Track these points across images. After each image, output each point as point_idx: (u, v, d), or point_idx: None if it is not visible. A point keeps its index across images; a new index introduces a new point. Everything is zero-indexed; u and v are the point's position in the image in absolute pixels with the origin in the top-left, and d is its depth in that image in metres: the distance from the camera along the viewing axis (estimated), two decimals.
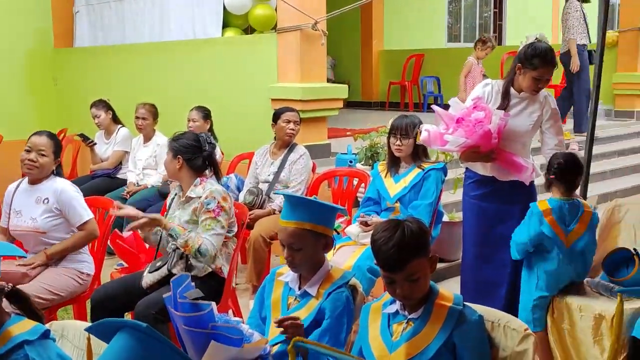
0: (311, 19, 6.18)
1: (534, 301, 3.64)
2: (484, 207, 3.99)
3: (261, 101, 6.62)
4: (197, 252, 3.56)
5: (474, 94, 3.90)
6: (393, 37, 13.08)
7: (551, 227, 3.60)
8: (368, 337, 2.42)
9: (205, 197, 3.68)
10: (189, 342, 2.17)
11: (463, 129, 3.65)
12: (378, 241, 2.29)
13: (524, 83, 3.77)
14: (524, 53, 3.72)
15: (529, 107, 3.86)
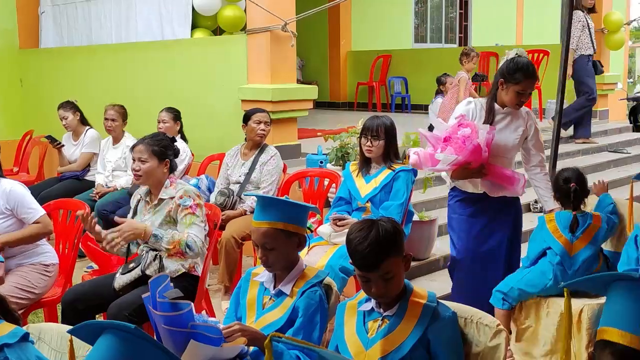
0: (281, 20, 6.21)
1: (518, 289, 3.75)
2: (474, 224, 4.00)
3: (231, 102, 6.63)
4: (186, 247, 3.57)
5: (457, 112, 3.92)
6: (361, 38, 13.16)
7: (551, 233, 3.78)
8: (344, 335, 2.46)
9: (179, 196, 3.70)
10: (168, 341, 2.19)
11: (452, 146, 3.68)
12: (353, 241, 2.33)
13: (506, 98, 3.81)
14: (506, 68, 3.76)
15: (513, 122, 3.91)
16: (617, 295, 1.31)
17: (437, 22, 15.66)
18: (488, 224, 3.97)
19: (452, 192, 4.09)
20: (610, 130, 10.01)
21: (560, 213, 3.89)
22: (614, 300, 1.32)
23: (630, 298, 1.29)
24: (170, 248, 3.58)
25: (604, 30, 10.11)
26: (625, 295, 1.30)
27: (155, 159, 3.74)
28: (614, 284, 1.32)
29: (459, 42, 15.90)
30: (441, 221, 5.47)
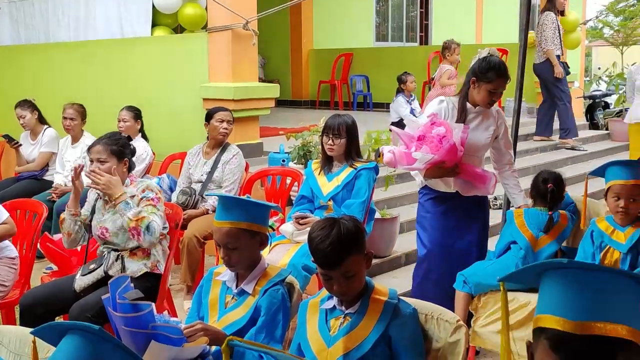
0: (242, 18, 6.19)
1: (478, 278, 3.81)
2: (444, 224, 4.02)
3: (192, 101, 6.59)
4: (146, 228, 3.52)
5: (428, 111, 3.93)
6: (322, 37, 13.20)
7: (518, 228, 3.84)
8: (306, 333, 2.47)
9: (141, 190, 3.68)
10: (129, 342, 2.18)
11: (428, 145, 3.68)
12: (315, 239, 2.35)
13: (478, 96, 3.82)
14: (478, 67, 3.78)
15: (484, 121, 3.94)
16: (549, 283, 1.36)
17: (398, 21, 15.77)
18: (460, 223, 4.01)
19: (424, 190, 4.10)
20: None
21: (530, 210, 3.94)
22: (546, 289, 1.37)
23: (562, 284, 1.33)
24: (132, 220, 3.52)
25: (560, 30, 10.27)
26: (557, 283, 1.34)
27: (114, 158, 3.69)
28: (545, 274, 1.37)
29: (420, 40, 16.03)
30: (403, 218, 5.52)
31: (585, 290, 1.31)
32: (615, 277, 1.33)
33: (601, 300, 1.30)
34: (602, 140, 10.16)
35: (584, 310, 1.29)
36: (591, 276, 1.32)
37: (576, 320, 1.29)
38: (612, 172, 3.48)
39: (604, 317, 1.28)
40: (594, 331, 1.28)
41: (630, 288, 1.32)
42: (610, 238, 3.46)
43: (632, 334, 1.28)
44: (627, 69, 8.36)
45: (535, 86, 10.66)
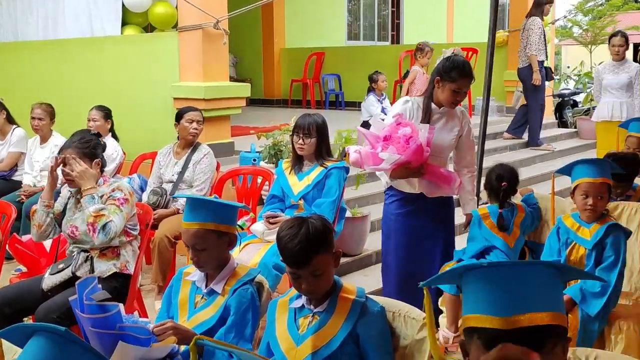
0: (212, 18, 6.18)
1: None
2: (410, 225, 4.02)
3: (163, 100, 6.57)
4: (102, 226, 3.50)
5: (394, 111, 3.93)
6: (294, 36, 13.21)
7: (490, 230, 3.87)
8: (275, 331, 2.49)
9: (112, 190, 3.66)
10: (96, 344, 2.18)
11: (394, 145, 3.68)
12: (283, 238, 2.36)
13: (442, 96, 3.82)
14: (442, 66, 3.78)
15: (449, 121, 3.94)
16: (472, 284, 1.41)
17: (370, 20, 15.83)
18: (425, 224, 4.01)
19: (389, 191, 4.10)
20: None
21: (490, 208, 4.00)
22: (470, 290, 1.42)
23: (484, 283, 1.38)
24: (92, 215, 3.50)
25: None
26: (480, 282, 1.39)
27: (86, 160, 3.66)
28: (466, 275, 1.42)
29: (392, 39, 16.11)
30: (374, 217, 5.56)
31: (506, 286, 1.36)
32: (533, 268, 1.40)
33: (522, 293, 1.36)
34: (571, 139, 10.31)
35: (508, 306, 1.34)
36: (510, 272, 1.38)
37: (502, 316, 1.34)
38: (580, 170, 3.53)
39: (527, 309, 1.34)
40: (521, 324, 1.33)
41: (548, 276, 1.39)
42: (576, 234, 3.51)
43: (555, 318, 1.35)
44: (595, 67, 8.48)
45: (504, 85, 10.80)
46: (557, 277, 1.41)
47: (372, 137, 3.81)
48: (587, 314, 3.33)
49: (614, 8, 29.48)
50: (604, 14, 26.03)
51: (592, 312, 3.31)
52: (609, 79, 7.13)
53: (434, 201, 3.99)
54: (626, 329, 3.40)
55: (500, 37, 10.90)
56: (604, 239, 3.40)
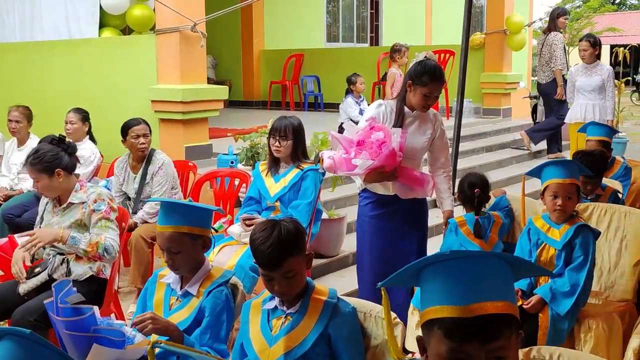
0: (190, 20, 6.20)
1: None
2: (385, 227, 4.04)
3: (141, 103, 6.57)
4: (104, 250, 3.57)
5: (367, 114, 3.95)
6: (273, 37, 13.23)
7: (467, 237, 3.94)
8: (249, 332, 2.52)
9: (93, 201, 3.68)
10: (70, 346, 2.20)
11: (367, 151, 3.70)
12: (256, 241, 2.40)
13: (414, 100, 3.85)
14: (413, 71, 3.80)
15: (422, 124, 3.98)
16: (431, 278, 1.46)
17: (349, 22, 15.88)
18: (400, 226, 4.04)
19: (363, 193, 4.12)
20: (513, 128, 10.44)
21: (467, 216, 4.06)
22: (429, 284, 1.47)
23: (443, 275, 1.44)
24: (88, 250, 3.57)
25: (506, 32, 10.53)
26: (439, 275, 1.44)
27: (44, 175, 3.65)
28: (424, 270, 1.48)
29: (370, 41, 16.18)
30: (350, 219, 5.60)
31: (463, 277, 1.42)
32: (488, 259, 1.47)
33: (478, 283, 1.42)
34: None
35: (466, 295, 1.40)
36: (467, 262, 1.44)
37: (462, 305, 1.40)
38: (549, 171, 3.59)
39: (483, 298, 1.40)
40: (479, 312, 1.39)
41: (501, 267, 1.45)
42: (546, 235, 3.58)
43: (508, 307, 1.41)
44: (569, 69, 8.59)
45: (481, 87, 10.91)
46: (509, 270, 1.47)
47: (345, 142, 3.82)
48: (557, 313, 3.39)
49: (591, 10, 29.88)
50: (582, 15, 26.35)
51: (562, 311, 3.37)
52: (581, 81, 7.24)
53: (408, 203, 4.02)
54: (595, 327, 3.46)
55: (478, 39, 11.01)
56: (573, 240, 3.47)
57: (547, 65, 8.76)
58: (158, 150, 5.25)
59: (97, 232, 3.64)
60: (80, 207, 3.70)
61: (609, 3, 43.74)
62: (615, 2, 47.32)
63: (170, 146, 6.30)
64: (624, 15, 40.64)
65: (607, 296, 3.85)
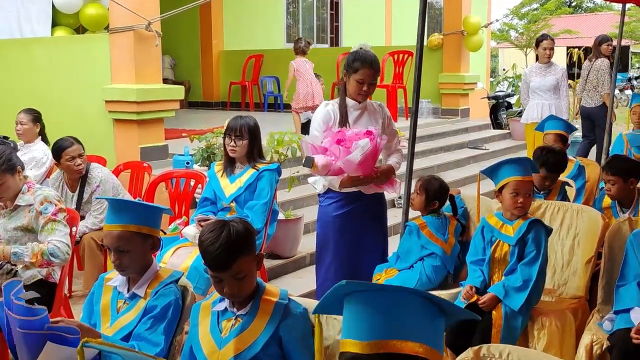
0: (144, 19, 6.11)
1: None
2: (350, 225, 4.01)
3: (95, 103, 6.46)
4: (50, 256, 3.49)
5: (317, 121, 3.93)
6: (233, 38, 13.14)
7: (428, 238, 3.96)
8: (198, 335, 2.47)
9: (40, 203, 3.60)
10: (22, 346, 2.14)
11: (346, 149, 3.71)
12: (205, 242, 2.35)
13: (350, 89, 3.90)
14: (346, 60, 3.90)
15: (371, 116, 4.00)
16: (348, 308, 1.44)
17: (309, 23, 15.87)
18: (365, 223, 4.04)
19: (326, 194, 4.06)
20: (471, 128, 10.54)
21: (426, 218, 4.06)
22: (346, 314, 1.44)
23: (357, 308, 1.41)
24: (34, 261, 3.50)
25: (463, 33, 10.62)
26: (355, 306, 1.42)
27: (7, 175, 3.59)
28: (346, 300, 1.45)
29: (330, 42, 16.18)
30: (307, 219, 5.58)
31: (378, 311, 1.38)
32: (407, 296, 1.41)
33: (397, 319, 1.37)
34: (504, 140, 10.56)
35: (378, 330, 1.36)
36: (384, 297, 1.40)
37: (367, 341, 1.36)
38: (508, 169, 3.61)
39: (400, 336, 1.36)
40: (388, 349, 1.35)
41: (424, 308, 1.41)
42: (500, 232, 3.59)
43: (429, 353, 1.37)
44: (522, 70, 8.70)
45: (439, 87, 10.99)
46: (435, 312, 1.41)
47: (320, 148, 3.79)
48: (511, 310, 3.40)
49: (547, 12, 30.38)
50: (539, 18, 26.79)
51: (515, 306, 3.39)
52: (536, 82, 7.32)
53: (370, 198, 4.04)
54: (548, 325, 3.49)
55: (436, 40, 11.09)
56: (526, 235, 3.49)
57: (595, 90, 8.76)
58: (94, 166, 5.04)
59: (44, 237, 3.55)
60: (27, 209, 3.61)
61: (566, 6, 44.53)
62: (572, 5, 48.20)
63: (124, 147, 6.21)
64: (579, 17, 41.43)
65: (560, 294, 3.88)
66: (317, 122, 3.95)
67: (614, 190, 4.23)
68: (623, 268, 3.36)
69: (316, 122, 3.96)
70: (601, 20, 37.03)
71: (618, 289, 3.33)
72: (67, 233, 3.64)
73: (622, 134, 6.23)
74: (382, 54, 10.97)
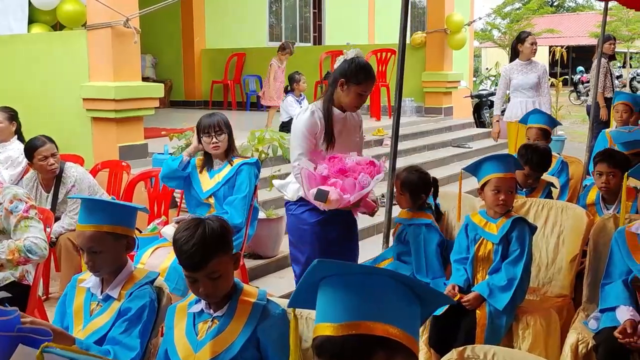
0: (122, 15, 6.00)
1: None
2: (329, 231, 3.81)
3: (72, 101, 6.35)
4: (27, 253, 3.39)
5: (302, 131, 3.63)
6: (215, 36, 13.05)
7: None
8: (173, 338, 2.39)
9: (9, 201, 3.50)
10: None
11: (360, 172, 3.50)
12: (179, 241, 2.27)
13: (347, 99, 3.64)
14: (347, 68, 3.60)
15: (351, 122, 3.82)
16: (321, 294, 1.42)
17: (292, 21, 15.80)
18: (341, 227, 3.87)
19: (298, 202, 3.80)
20: (454, 126, 10.52)
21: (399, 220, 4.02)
22: (320, 300, 1.42)
23: (330, 292, 1.38)
24: (10, 259, 3.38)
25: (446, 31, 10.59)
26: (327, 291, 1.39)
27: None
28: (319, 286, 1.42)
29: (314, 41, 16.12)
30: None
31: (352, 292, 1.34)
32: (383, 278, 1.39)
33: (371, 301, 1.34)
34: (487, 138, 10.52)
35: (351, 312, 1.33)
36: (359, 279, 1.36)
37: (340, 322, 1.33)
38: (490, 166, 3.56)
39: (374, 317, 1.33)
40: (360, 330, 1.32)
41: (399, 291, 1.38)
42: (484, 230, 3.54)
43: (404, 337, 1.35)
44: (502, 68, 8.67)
45: (423, 86, 10.97)
46: (410, 295, 1.39)
47: (319, 178, 3.54)
48: (495, 309, 3.35)
49: (530, 12, 30.54)
50: (521, 17, 26.92)
51: (500, 305, 3.34)
52: (518, 79, 7.29)
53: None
54: (533, 324, 3.44)
55: (419, 38, 11.06)
56: (510, 233, 3.45)
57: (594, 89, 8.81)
58: (68, 165, 4.89)
59: (18, 235, 3.45)
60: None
61: (548, 5, 44.80)
62: (554, 4, 48.51)
63: (103, 145, 6.11)
64: (561, 17, 41.74)
65: (545, 292, 3.84)
66: (303, 132, 3.65)
67: (614, 182, 4.11)
68: (608, 266, 3.31)
69: (301, 133, 3.66)
70: (583, 19, 37.33)
71: (603, 287, 3.29)
72: (42, 229, 3.54)
73: (605, 132, 6.21)
74: (365, 52, 10.88)
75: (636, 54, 37.74)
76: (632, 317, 3.05)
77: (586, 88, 22.27)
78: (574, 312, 3.67)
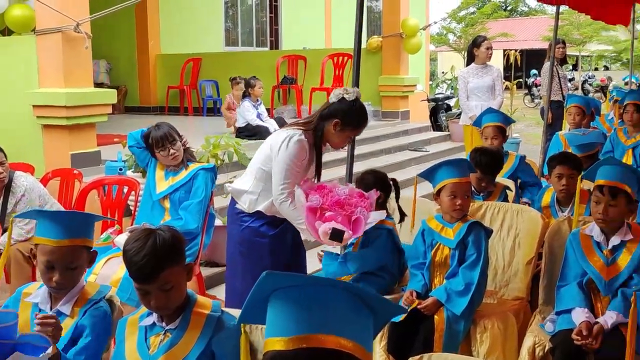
0: (72, 20, 5.88)
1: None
2: (284, 242, 3.72)
3: (21, 108, 6.20)
4: None
5: (293, 158, 3.48)
6: (170, 41, 12.87)
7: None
8: (124, 352, 2.32)
9: None
10: None
11: (358, 206, 3.41)
12: (129, 252, 2.20)
13: (336, 139, 3.56)
14: (347, 111, 3.50)
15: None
16: (271, 308, 1.39)
17: (249, 26, 15.73)
18: (296, 238, 3.80)
19: (254, 215, 3.67)
20: (411, 130, 10.57)
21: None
22: (270, 314, 1.39)
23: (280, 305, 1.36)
24: None
25: (402, 35, 10.65)
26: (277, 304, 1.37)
27: None
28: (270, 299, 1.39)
29: (270, 45, 16.07)
30: None
31: (302, 305, 1.32)
32: (332, 289, 1.36)
33: (321, 313, 1.32)
34: (444, 141, 10.62)
35: (302, 325, 1.30)
36: (308, 291, 1.33)
37: (290, 336, 1.30)
38: (445, 171, 3.55)
39: (325, 330, 1.30)
40: (311, 343, 1.30)
41: (349, 302, 1.34)
42: (440, 235, 3.53)
43: (356, 350, 1.33)
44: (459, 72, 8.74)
45: (379, 90, 11.00)
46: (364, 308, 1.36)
47: (313, 215, 3.41)
48: (453, 314, 3.34)
49: (484, 16, 30.92)
50: (476, 21, 27.24)
51: (458, 310, 3.33)
52: (474, 83, 7.36)
53: None
54: (491, 327, 3.44)
55: (375, 42, 11.10)
56: (466, 237, 3.44)
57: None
58: (18, 174, 4.70)
59: None
60: None
61: (501, 10, 45.49)
62: (507, 9, 49.29)
63: (54, 153, 5.97)
64: (515, 21, 42.45)
65: (502, 295, 3.85)
66: (292, 160, 3.49)
67: (573, 184, 4.05)
68: (563, 268, 3.34)
69: (290, 160, 3.49)
70: (536, 23, 37.99)
71: (559, 290, 3.31)
72: None
73: (558, 134, 6.29)
74: (322, 56, 10.94)
75: (587, 57, 38.56)
76: (587, 318, 3.08)
77: (539, 91, 22.63)
78: (531, 314, 3.69)
